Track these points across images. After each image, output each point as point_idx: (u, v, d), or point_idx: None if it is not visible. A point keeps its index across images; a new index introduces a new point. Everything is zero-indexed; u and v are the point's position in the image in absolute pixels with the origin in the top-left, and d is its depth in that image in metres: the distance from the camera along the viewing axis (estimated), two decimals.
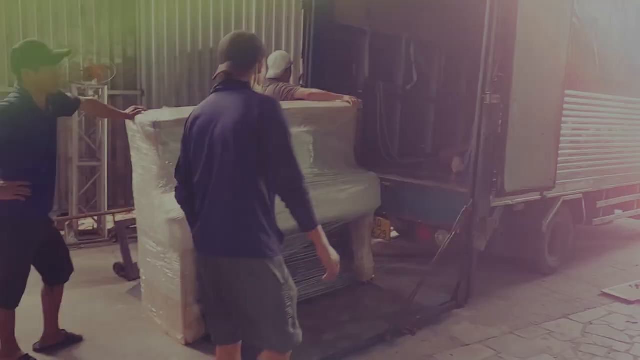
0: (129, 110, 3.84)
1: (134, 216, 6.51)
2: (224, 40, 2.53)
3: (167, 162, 3.63)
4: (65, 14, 6.41)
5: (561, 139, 5.02)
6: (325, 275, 2.51)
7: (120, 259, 5.19)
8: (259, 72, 2.55)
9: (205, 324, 3.62)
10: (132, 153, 3.98)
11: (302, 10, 5.86)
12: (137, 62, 6.91)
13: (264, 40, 7.81)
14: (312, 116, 4.39)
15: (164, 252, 3.76)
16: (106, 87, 6.31)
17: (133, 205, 6.94)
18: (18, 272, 3.21)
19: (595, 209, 6.09)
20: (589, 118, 5.65)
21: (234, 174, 2.37)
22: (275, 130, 2.36)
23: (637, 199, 6.82)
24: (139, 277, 4.97)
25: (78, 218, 6.40)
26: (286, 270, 2.50)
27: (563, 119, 4.98)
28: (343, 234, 4.82)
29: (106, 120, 6.39)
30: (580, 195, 5.71)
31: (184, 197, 2.61)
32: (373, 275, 5.00)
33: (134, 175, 4.03)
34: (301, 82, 5.77)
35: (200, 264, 2.57)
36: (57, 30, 6.39)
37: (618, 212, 6.70)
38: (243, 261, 2.41)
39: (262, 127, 2.33)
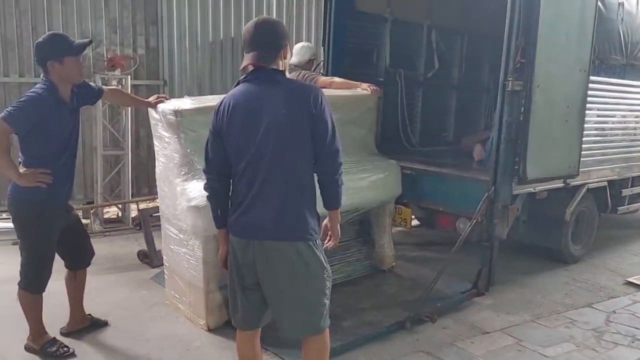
0: (151, 99, 3.89)
1: (157, 204, 6.64)
2: (248, 28, 2.53)
3: (188, 150, 3.68)
4: (89, 6, 6.48)
5: (585, 125, 4.94)
6: (330, 244, 2.68)
7: (144, 247, 5.28)
8: (284, 58, 2.56)
9: (227, 310, 3.68)
10: (155, 142, 4.04)
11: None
12: (159, 52, 6.97)
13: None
14: (332, 104, 4.36)
15: (186, 239, 3.81)
16: (129, 77, 6.39)
17: (156, 193, 7.11)
18: (43, 257, 3.29)
19: (620, 197, 6.00)
20: (614, 105, 5.55)
21: (292, 160, 2.44)
22: (325, 118, 2.46)
23: None
24: (162, 264, 5.07)
25: (103, 206, 6.52)
26: (323, 251, 2.59)
27: (588, 105, 4.90)
28: (364, 222, 4.84)
29: (130, 109, 6.48)
30: (605, 183, 5.63)
31: (216, 189, 2.63)
32: (394, 264, 5.00)
33: (156, 163, 4.09)
34: (322, 71, 5.77)
35: (237, 249, 2.56)
36: (82, 21, 6.47)
37: None
38: (292, 244, 2.47)
39: (316, 112, 2.43)
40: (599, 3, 4.79)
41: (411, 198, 5.02)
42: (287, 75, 2.63)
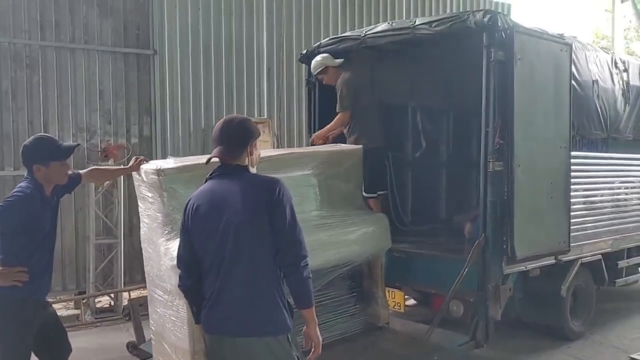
0: (131, 163, 3.90)
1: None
2: (217, 125, 2.65)
3: (171, 209, 3.68)
4: (84, 98, 6.71)
5: (572, 200, 4.97)
6: (309, 356, 2.58)
7: (134, 337, 5.17)
8: (251, 154, 2.64)
9: None
10: (139, 203, 4.03)
11: (307, 88, 6.00)
12: (152, 140, 7.14)
13: (275, 114, 8.03)
14: (317, 159, 4.49)
15: (171, 299, 3.72)
16: (122, 166, 6.50)
17: None
18: (19, 358, 3.18)
19: (617, 269, 5.94)
20: (600, 178, 5.62)
21: (249, 255, 2.45)
22: (283, 210, 2.47)
23: None
24: (151, 357, 4.95)
25: (95, 296, 6.45)
26: (298, 345, 2.54)
27: (572, 180, 4.95)
28: (356, 277, 4.77)
29: (122, 197, 6.55)
30: (600, 257, 5.58)
31: (188, 285, 2.65)
32: (388, 321, 4.87)
33: (141, 225, 4.07)
34: None
35: (211, 345, 2.56)
36: (77, 114, 6.67)
37: None
38: (260, 340, 2.44)
39: (272, 208, 2.45)
40: (573, 82, 4.94)
41: (403, 281, 4.97)
42: (255, 170, 2.68)
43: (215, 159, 2.63)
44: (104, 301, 6.76)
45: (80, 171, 3.67)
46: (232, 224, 2.45)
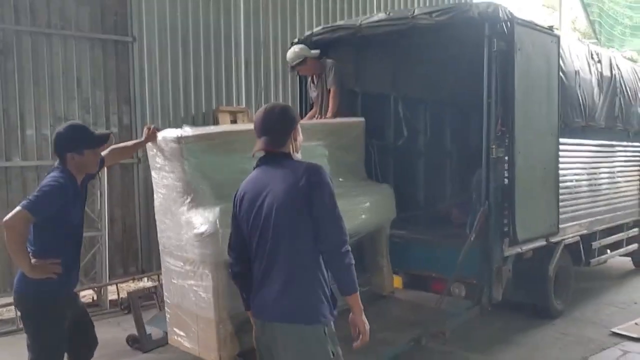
0: (145, 133, 3.86)
1: (144, 285, 6.44)
2: (258, 114, 2.65)
3: (191, 177, 3.68)
4: (61, 86, 6.45)
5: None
6: (356, 343, 2.53)
7: (128, 330, 5.09)
8: (295, 140, 2.66)
9: (239, 340, 3.66)
10: (153, 174, 3.99)
11: (297, 75, 5.95)
12: (132, 129, 6.95)
13: (253, 103, 7.98)
14: (322, 131, 4.63)
15: (193, 270, 3.73)
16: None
17: (133, 273, 6.87)
18: (54, 356, 3.13)
19: (591, 250, 6.30)
20: (579, 163, 5.94)
21: (289, 241, 2.47)
22: (322, 194, 2.48)
23: (624, 237, 7.09)
24: (154, 348, 4.89)
25: (80, 290, 6.24)
26: (336, 341, 2.52)
27: (560, 165, 5.22)
28: (359, 248, 4.83)
29: (105, 189, 6.38)
30: (578, 238, 5.91)
31: (238, 273, 2.67)
32: (393, 290, 5.01)
33: (155, 196, 4.04)
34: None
35: (257, 330, 2.61)
36: (54, 102, 6.41)
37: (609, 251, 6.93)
38: (295, 327, 2.46)
39: (311, 192, 2.46)
40: (561, 72, 5.20)
41: (400, 265, 5.11)
42: (299, 156, 2.70)
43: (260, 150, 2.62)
44: (87, 296, 6.57)
45: (102, 153, 3.57)
46: (273, 209, 2.47)
